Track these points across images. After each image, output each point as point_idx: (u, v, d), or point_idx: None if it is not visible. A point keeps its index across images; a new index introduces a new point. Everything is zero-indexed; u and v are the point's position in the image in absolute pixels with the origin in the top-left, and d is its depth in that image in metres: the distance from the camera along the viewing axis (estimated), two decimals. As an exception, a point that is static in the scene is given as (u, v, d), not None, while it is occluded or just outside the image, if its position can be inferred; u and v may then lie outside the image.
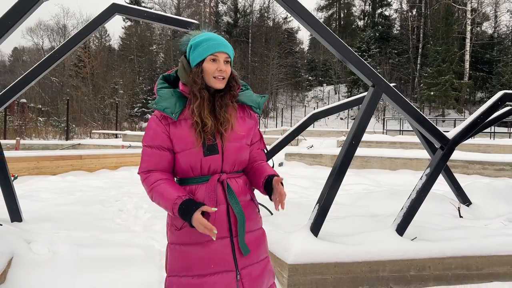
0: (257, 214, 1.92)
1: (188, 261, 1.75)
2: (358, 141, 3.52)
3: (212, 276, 1.72)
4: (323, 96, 46.61)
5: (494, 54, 36.71)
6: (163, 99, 1.75)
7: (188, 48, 1.81)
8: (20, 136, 18.89)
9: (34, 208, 5.23)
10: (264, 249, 1.92)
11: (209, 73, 1.74)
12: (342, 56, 3.45)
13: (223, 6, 51.52)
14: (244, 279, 1.76)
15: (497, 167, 10.87)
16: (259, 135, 1.98)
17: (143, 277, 3.29)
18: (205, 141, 1.72)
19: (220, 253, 1.73)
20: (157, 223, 4.85)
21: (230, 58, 1.81)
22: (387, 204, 5.11)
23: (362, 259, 3.32)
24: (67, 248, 3.42)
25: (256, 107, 1.89)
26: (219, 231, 1.70)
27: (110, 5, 4.21)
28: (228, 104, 1.78)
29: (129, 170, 10.20)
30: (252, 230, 1.85)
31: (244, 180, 1.88)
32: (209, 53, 1.75)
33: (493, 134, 21.88)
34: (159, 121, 1.76)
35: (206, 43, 1.77)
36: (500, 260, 3.58)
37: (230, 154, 1.79)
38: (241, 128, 1.82)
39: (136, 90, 40.17)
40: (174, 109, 1.73)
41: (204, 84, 1.75)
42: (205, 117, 1.70)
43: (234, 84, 1.83)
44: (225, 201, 1.76)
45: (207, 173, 1.76)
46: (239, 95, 1.87)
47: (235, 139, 1.80)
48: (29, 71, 4.13)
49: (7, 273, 2.97)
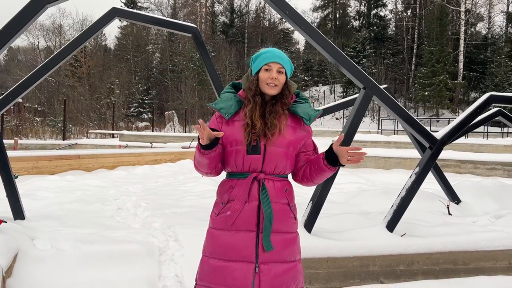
0: (291, 218, 2.00)
1: (217, 244, 1.94)
2: (350, 140, 3.68)
3: (234, 262, 1.89)
4: (318, 96, 46.77)
5: (488, 54, 37.00)
6: (222, 100, 2.00)
7: (250, 61, 2.05)
8: (17, 136, 18.93)
9: (35, 207, 5.35)
10: (292, 252, 1.98)
11: (263, 81, 1.95)
12: (335, 59, 3.59)
13: (219, 6, 51.61)
14: (262, 273, 1.87)
15: (488, 166, 11.07)
16: (312, 145, 2.11)
17: (144, 272, 3.41)
18: (251, 141, 1.90)
19: (244, 244, 1.89)
20: (156, 221, 4.98)
21: (285, 68, 1.97)
22: (379, 202, 5.27)
23: (353, 254, 3.47)
24: (70, 244, 3.54)
25: (307, 119, 2.01)
26: (247, 224, 1.90)
27: (110, 9, 4.34)
28: (279, 111, 1.96)
29: (127, 169, 10.32)
30: (281, 232, 1.94)
31: (283, 185, 1.99)
32: (264, 63, 1.95)
33: (486, 134, 22.12)
34: (216, 119, 2.01)
35: (263, 55, 1.98)
36: (486, 256, 3.74)
37: (272, 157, 1.93)
38: (289, 135, 1.97)
39: (132, 90, 40.18)
40: (229, 110, 1.96)
41: (258, 90, 1.96)
42: (255, 120, 1.90)
43: (286, 93, 1.99)
44: (258, 198, 1.91)
45: (247, 170, 1.94)
46: (294, 106, 2.03)
47: (281, 145, 1.94)
48: (30, 75, 4.25)
49: (13, 268, 3.08)
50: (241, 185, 1.93)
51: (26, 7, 2.95)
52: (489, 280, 3.61)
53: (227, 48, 41.50)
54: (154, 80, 45.39)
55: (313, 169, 2.00)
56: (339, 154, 1.90)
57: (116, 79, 37.50)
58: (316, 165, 1.98)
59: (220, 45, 43.30)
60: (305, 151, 2.07)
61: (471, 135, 22.70)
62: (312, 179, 2.03)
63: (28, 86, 4.25)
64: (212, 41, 43.78)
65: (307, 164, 2.04)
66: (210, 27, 49.26)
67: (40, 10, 2.96)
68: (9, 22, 2.93)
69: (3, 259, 2.86)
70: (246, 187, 1.91)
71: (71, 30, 46.45)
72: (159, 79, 44.75)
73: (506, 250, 3.78)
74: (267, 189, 1.92)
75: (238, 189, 1.93)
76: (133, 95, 39.89)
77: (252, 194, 1.91)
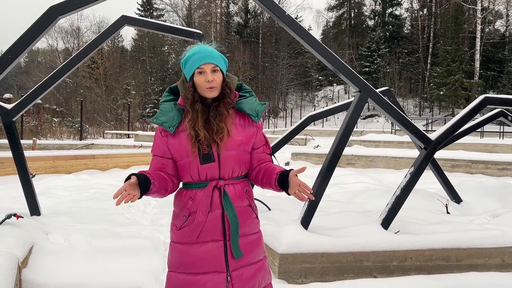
0: (253, 219, 1.98)
1: (184, 259, 1.87)
2: (346, 140, 3.82)
3: (204, 275, 1.84)
4: (333, 95, 46.70)
5: (506, 53, 36.44)
6: (163, 113, 1.90)
7: (181, 65, 1.92)
8: (36, 136, 19.49)
9: (51, 204, 5.65)
10: (258, 252, 1.98)
11: (200, 86, 1.84)
12: (331, 65, 3.76)
13: (234, 6, 51.91)
14: (234, 280, 1.85)
15: (500, 166, 10.98)
16: (263, 140, 2.02)
17: (150, 265, 3.64)
18: (201, 151, 1.82)
19: (212, 255, 1.84)
20: (163, 218, 5.23)
21: (218, 66, 1.85)
22: (380, 201, 5.37)
23: (348, 250, 3.62)
24: (81, 239, 3.79)
25: (254, 116, 1.94)
26: (213, 234, 1.84)
27: (120, 17, 4.59)
28: (223, 112, 1.85)
29: (140, 169, 10.60)
30: (246, 235, 1.92)
31: (242, 186, 1.95)
32: (195, 67, 1.83)
33: (502, 134, 21.82)
34: (160, 133, 1.93)
35: (193, 57, 1.84)
36: (479, 253, 3.85)
37: (227, 161, 1.86)
38: (239, 135, 1.88)
39: (148, 90, 40.77)
40: (172, 122, 1.87)
41: (197, 97, 1.85)
42: (198, 129, 1.81)
43: (227, 91, 1.88)
44: (221, 207, 1.85)
45: (205, 179, 1.87)
46: (239, 102, 1.93)
47: (232, 147, 1.87)
48: (47, 79, 4.54)
49: (29, 259, 3.34)
50: (201, 196, 1.86)
51: (40, 19, 3.20)
52: (480, 276, 3.71)
53: (241, 48, 41.75)
54: (170, 81, 45.89)
55: (264, 180, 1.94)
56: (291, 184, 1.81)
57: (132, 80, 38.12)
58: (267, 179, 1.91)
59: (234, 45, 43.61)
60: (257, 148, 1.99)
61: (486, 135, 22.43)
62: (262, 187, 1.98)
63: (45, 89, 4.57)
64: (227, 42, 44.10)
65: (260, 170, 1.98)
66: (225, 27, 49.59)
67: (53, 22, 3.21)
68: (24, 33, 3.18)
69: (20, 251, 3.11)
70: (207, 197, 1.84)
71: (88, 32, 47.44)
72: (174, 80, 45.06)
73: (499, 247, 3.86)
74: (228, 195, 1.87)
75: (199, 200, 1.86)
76: (149, 96, 40.48)
77: (214, 203, 1.85)
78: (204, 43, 1.94)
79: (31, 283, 3.11)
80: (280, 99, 45.19)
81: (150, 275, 3.49)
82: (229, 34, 48.52)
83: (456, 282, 3.62)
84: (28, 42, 3.22)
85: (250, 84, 36.80)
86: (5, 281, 2.27)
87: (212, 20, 47.88)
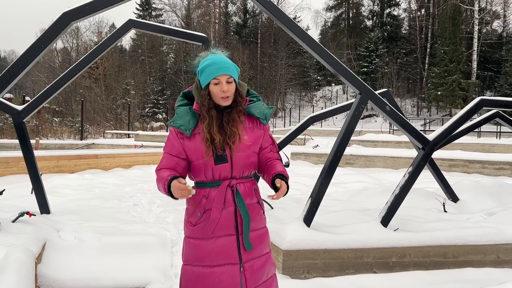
0: (261, 215, 2.17)
1: (200, 253, 2.03)
2: (346, 141, 3.97)
3: (219, 267, 2.00)
4: (331, 95, 46.89)
5: (503, 53, 36.66)
6: (179, 117, 2.04)
7: (197, 72, 2.06)
8: (38, 136, 19.59)
9: (58, 202, 5.77)
10: (266, 245, 2.16)
11: (215, 95, 1.99)
12: (332, 67, 3.90)
13: (233, 6, 51.99)
14: (246, 271, 2.03)
15: (497, 166, 11.11)
16: (270, 140, 2.20)
17: (158, 261, 3.77)
18: (215, 152, 1.98)
19: (226, 248, 2.01)
20: (169, 216, 5.37)
21: (233, 77, 2.00)
22: (379, 200, 5.52)
23: (349, 246, 3.76)
24: (91, 236, 3.92)
25: (263, 119, 2.10)
26: (227, 229, 2.01)
27: (127, 21, 4.71)
28: (235, 118, 2.02)
29: (142, 168, 10.77)
30: (256, 229, 2.10)
31: (252, 184, 2.13)
32: (212, 77, 1.97)
33: (499, 134, 22.02)
34: (175, 135, 2.06)
35: (209, 68, 1.98)
36: (475, 249, 3.99)
37: (239, 162, 2.03)
38: (249, 138, 2.05)
39: (147, 90, 40.87)
40: (188, 125, 2.01)
41: (212, 104, 2.00)
42: (213, 134, 1.97)
43: (240, 100, 2.04)
44: (234, 204, 2.02)
45: (218, 178, 2.03)
46: (248, 107, 2.10)
47: (243, 149, 2.04)
48: (57, 80, 4.68)
49: (42, 255, 3.46)
50: (215, 194, 2.02)
51: (54, 24, 3.33)
52: (476, 272, 3.85)
53: (240, 48, 41.88)
54: (169, 81, 46.07)
55: (265, 176, 2.15)
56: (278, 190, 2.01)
57: (132, 80, 38.23)
58: (267, 176, 2.12)
59: (233, 45, 43.74)
60: (264, 147, 2.17)
61: (483, 134, 22.63)
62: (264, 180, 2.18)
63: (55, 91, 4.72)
64: (226, 42, 44.22)
65: (265, 168, 2.16)
66: (224, 27, 49.69)
67: (66, 27, 3.35)
68: (39, 38, 3.33)
69: (34, 247, 3.24)
70: (222, 195, 2.01)
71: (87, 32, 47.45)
72: (173, 80, 45.40)
73: (495, 244, 4.01)
74: (240, 193, 2.04)
75: (213, 198, 2.02)
76: (148, 96, 40.59)
77: (227, 201, 2.02)
78: (217, 50, 2.11)
79: (46, 277, 3.24)
80: (279, 99, 45.33)
81: (159, 270, 3.62)
82: (228, 34, 48.63)
83: (453, 278, 3.76)
84: (44, 45, 3.36)
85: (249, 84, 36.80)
86: (28, 274, 2.40)
87: (210, 20, 47.97)
